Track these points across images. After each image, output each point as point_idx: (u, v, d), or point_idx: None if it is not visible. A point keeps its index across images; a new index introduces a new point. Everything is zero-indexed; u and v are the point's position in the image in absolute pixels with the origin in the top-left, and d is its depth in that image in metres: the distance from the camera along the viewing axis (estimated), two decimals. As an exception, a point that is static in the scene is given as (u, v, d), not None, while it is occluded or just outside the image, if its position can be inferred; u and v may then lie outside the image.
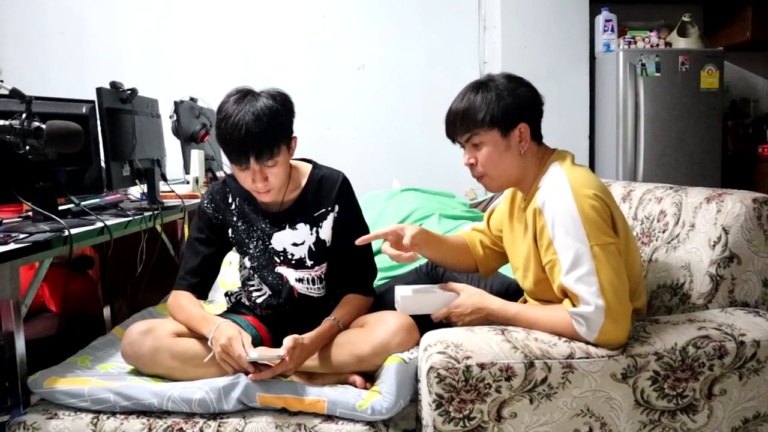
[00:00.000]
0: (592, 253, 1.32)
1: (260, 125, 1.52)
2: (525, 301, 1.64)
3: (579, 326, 1.34)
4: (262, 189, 1.60)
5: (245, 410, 1.48)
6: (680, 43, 4.01)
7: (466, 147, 1.51)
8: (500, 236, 1.70)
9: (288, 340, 1.51)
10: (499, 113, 1.44)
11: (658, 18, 4.24)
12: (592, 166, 4.06)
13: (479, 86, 1.48)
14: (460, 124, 1.48)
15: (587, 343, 1.35)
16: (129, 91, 2.21)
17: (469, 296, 1.52)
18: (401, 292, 1.57)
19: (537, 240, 1.43)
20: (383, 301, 1.79)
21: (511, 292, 1.79)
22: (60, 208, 1.88)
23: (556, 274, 1.37)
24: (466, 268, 1.77)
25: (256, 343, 1.61)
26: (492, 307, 1.49)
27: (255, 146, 1.54)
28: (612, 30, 3.98)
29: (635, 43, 4.00)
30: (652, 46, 4.00)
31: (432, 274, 2.03)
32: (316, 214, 1.72)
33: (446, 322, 1.55)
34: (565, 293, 1.39)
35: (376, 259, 1.87)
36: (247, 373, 1.49)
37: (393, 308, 1.70)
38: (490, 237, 1.74)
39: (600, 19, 3.99)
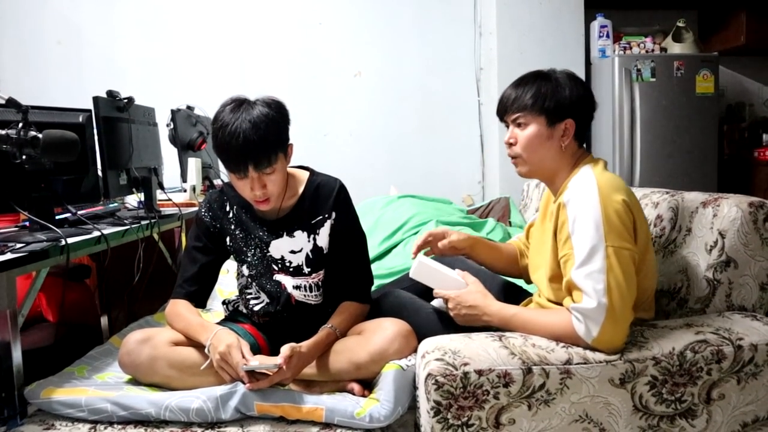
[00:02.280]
0: (606, 253, 1.33)
1: (257, 133, 1.52)
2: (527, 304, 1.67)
3: (578, 324, 1.35)
4: (260, 197, 1.60)
5: (243, 419, 1.47)
6: (675, 48, 4.03)
7: (511, 126, 1.57)
8: None
9: (285, 349, 1.51)
10: (551, 103, 1.49)
11: (653, 24, 4.26)
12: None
13: (539, 75, 1.55)
14: (512, 103, 1.54)
15: (584, 347, 1.36)
16: (126, 100, 2.21)
17: (472, 293, 1.55)
18: (422, 259, 1.63)
19: (557, 234, 1.45)
20: (380, 306, 1.79)
21: (510, 302, 1.80)
22: (57, 217, 1.87)
23: (569, 268, 1.39)
24: (513, 274, 1.84)
25: (254, 351, 1.61)
26: (489, 309, 1.51)
27: (253, 155, 1.54)
28: (607, 36, 3.99)
29: (630, 48, 4.01)
30: (647, 51, 4.02)
31: None
32: (313, 222, 1.72)
33: (444, 307, 1.60)
34: (570, 292, 1.39)
35: (373, 266, 1.87)
36: (244, 382, 1.49)
37: (390, 314, 1.71)
38: (528, 247, 1.80)
39: (595, 25, 4.01)
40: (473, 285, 1.57)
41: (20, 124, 1.60)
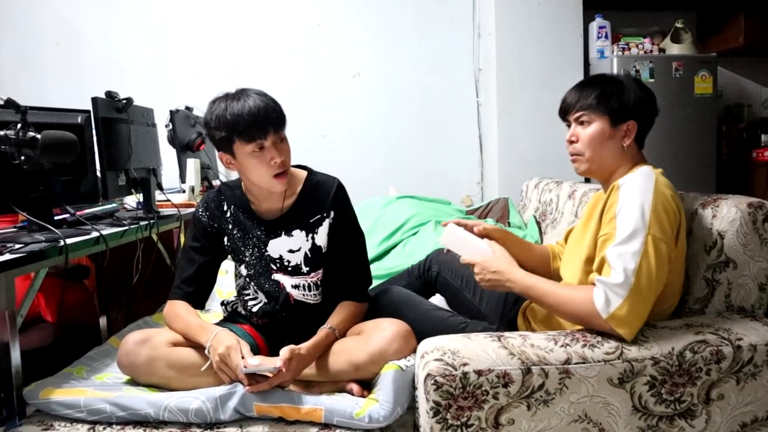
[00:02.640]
0: (645, 239, 1.35)
1: (268, 99, 1.60)
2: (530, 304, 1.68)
3: (598, 294, 1.35)
4: (280, 167, 1.61)
5: (242, 420, 1.47)
6: (674, 49, 4.03)
7: (574, 124, 1.58)
8: None
9: (285, 351, 1.51)
10: (615, 103, 1.52)
11: (652, 24, 4.26)
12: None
13: (604, 77, 1.58)
14: (577, 102, 1.56)
15: (597, 328, 1.37)
16: (124, 101, 2.21)
17: (498, 258, 1.56)
18: (452, 227, 1.66)
19: (603, 215, 1.46)
20: (378, 303, 1.79)
21: (510, 302, 1.80)
22: (55, 218, 1.87)
23: (606, 246, 1.40)
24: (542, 274, 1.82)
25: (253, 351, 1.60)
26: (513, 276, 1.52)
27: (271, 115, 1.58)
28: (606, 36, 3.99)
29: (629, 49, 4.02)
30: (645, 52, 4.02)
31: (425, 277, 2.05)
32: (311, 221, 1.72)
33: (469, 268, 1.61)
34: (601, 267, 1.41)
35: (372, 267, 1.87)
36: (244, 384, 1.49)
37: (388, 310, 1.71)
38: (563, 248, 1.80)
39: (594, 26, 4.01)
40: (500, 252, 1.59)
41: (19, 125, 1.60)
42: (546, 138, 3.70)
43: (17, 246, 1.56)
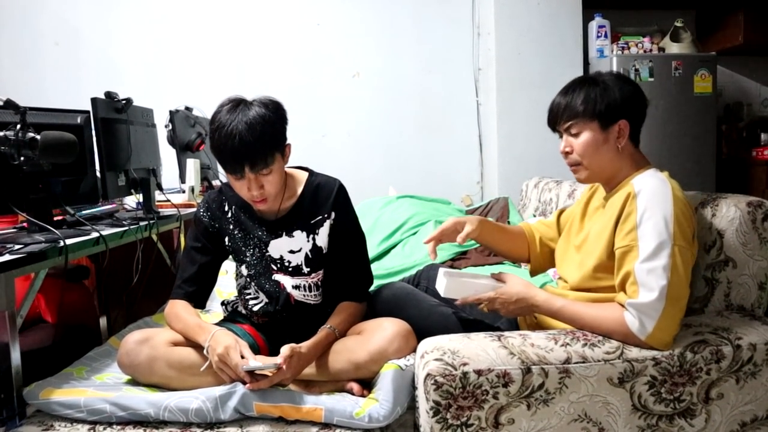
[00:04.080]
0: (672, 251, 1.34)
1: (253, 134, 1.52)
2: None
3: (631, 319, 1.34)
4: (258, 197, 1.60)
5: (242, 419, 1.47)
6: (673, 48, 4.03)
7: (565, 135, 1.55)
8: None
9: (285, 349, 1.51)
10: (601, 106, 1.48)
11: (651, 24, 4.27)
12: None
13: (586, 80, 1.53)
14: (563, 112, 1.53)
15: (634, 343, 1.36)
16: (124, 101, 2.21)
17: (514, 285, 1.53)
18: (447, 275, 1.56)
19: (619, 224, 1.43)
20: (381, 297, 1.78)
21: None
22: (55, 218, 1.87)
23: (629, 260, 1.38)
24: (516, 257, 1.84)
25: (253, 351, 1.61)
26: (537, 300, 1.49)
27: (249, 155, 1.54)
28: (605, 36, 4.00)
29: (628, 48, 4.02)
30: (645, 51, 4.02)
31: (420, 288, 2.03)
32: (312, 221, 1.73)
33: (487, 310, 1.56)
34: (623, 286, 1.39)
35: (372, 266, 1.87)
36: (244, 383, 1.49)
37: (391, 307, 1.70)
38: (554, 233, 1.78)
39: (593, 25, 4.01)
40: (512, 278, 1.56)
41: (18, 126, 1.60)
42: (546, 137, 3.64)
43: (17, 247, 1.56)
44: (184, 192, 2.84)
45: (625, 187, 1.47)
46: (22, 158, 1.60)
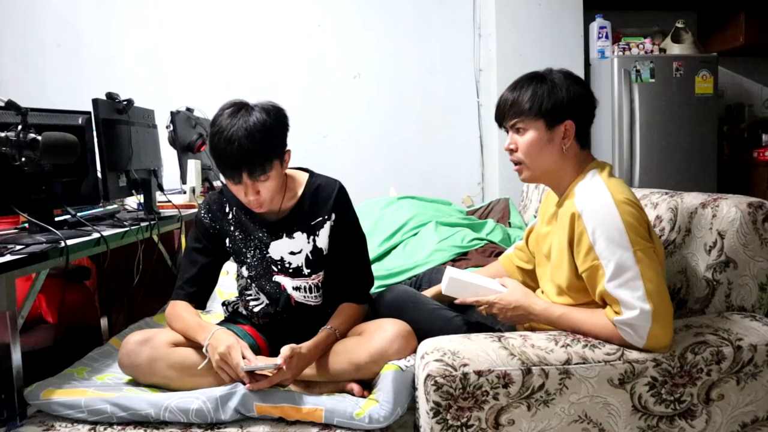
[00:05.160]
0: (636, 258, 1.32)
1: (252, 141, 1.52)
2: None
3: (627, 334, 1.34)
4: (254, 203, 1.61)
5: (242, 420, 1.47)
6: (674, 49, 4.03)
7: (510, 132, 1.54)
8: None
9: (285, 350, 1.51)
10: (548, 105, 1.46)
11: (652, 24, 4.26)
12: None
13: (535, 77, 1.51)
14: (509, 108, 1.51)
15: (637, 349, 1.35)
16: (125, 102, 2.21)
17: (514, 293, 1.52)
18: (451, 273, 1.57)
19: (573, 246, 1.42)
20: (383, 300, 1.78)
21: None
22: (56, 219, 1.87)
23: (598, 279, 1.37)
24: None
25: (253, 352, 1.61)
26: (535, 309, 1.49)
27: (247, 162, 1.53)
28: (606, 37, 3.99)
29: (630, 49, 4.02)
30: (646, 52, 4.02)
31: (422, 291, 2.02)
32: (313, 223, 1.73)
33: (486, 314, 1.56)
34: (605, 301, 1.38)
35: (373, 267, 1.87)
36: (244, 383, 1.49)
37: (393, 310, 1.70)
38: (528, 255, 1.77)
39: (594, 26, 4.01)
40: (512, 285, 1.55)
41: (20, 127, 1.60)
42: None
43: (18, 247, 1.57)
44: (185, 193, 2.85)
45: (569, 198, 1.45)
46: (23, 159, 1.61)
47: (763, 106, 4.51)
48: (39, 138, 1.60)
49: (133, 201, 2.48)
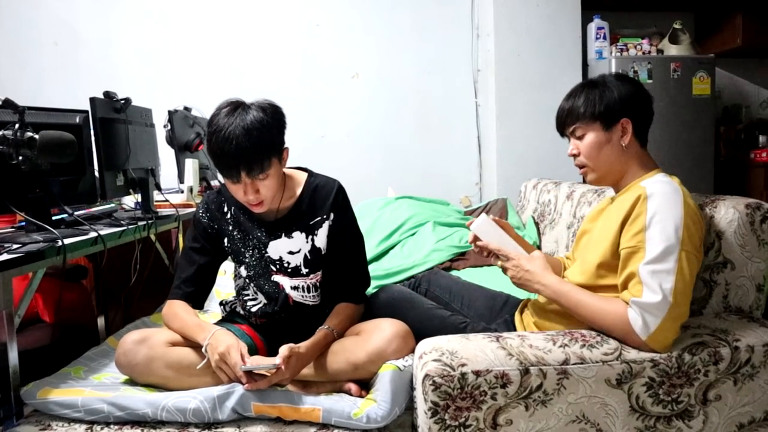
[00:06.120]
0: (679, 257, 1.34)
1: (250, 139, 1.52)
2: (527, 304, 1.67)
3: (635, 317, 1.35)
4: (253, 201, 1.60)
5: (240, 419, 1.47)
6: (672, 50, 4.03)
7: (571, 138, 1.58)
8: None
9: (284, 349, 1.51)
10: (601, 107, 1.51)
11: (650, 25, 4.27)
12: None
13: (587, 84, 1.58)
14: (566, 116, 1.57)
15: (634, 345, 1.36)
16: (123, 101, 2.21)
17: (535, 259, 1.55)
18: (487, 218, 1.62)
19: (626, 224, 1.43)
20: (379, 300, 1.78)
21: (498, 306, 1.80)
22: (53, 218, 1.87)
23: (634, 261, 1.38)
24: None
25: (251, 352, 1.61)
26: (545, 280, 1.50)
27: (245, 161, 1.53)
28: (604, 37, 4.00)
29: (627, 50, 4.02)
30: (643, 53, 4.02)
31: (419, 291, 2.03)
32: (311, 222, 1.72)
33: (501, 266, 1.58)
34: (626, 285, 1.39)
35: (371, 267, 1.87)
36: (242, 383, 1.49)
37: (389, 309, 1.71)
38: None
39: (592, 27, 4.01)
40: (537, 254, 1.57)
41: (17, 125, 1.59)
42: (545, 139, 3.70)
43: (15, 246, 1.56)
44: (182, 192, 2.84)
45: (634, 188, 1.47)
46: (20, 158, 1.60)
47: (760, 108, 4.52)
48: (36, 137, 1.60)
49: (130, 200, 2.47)
